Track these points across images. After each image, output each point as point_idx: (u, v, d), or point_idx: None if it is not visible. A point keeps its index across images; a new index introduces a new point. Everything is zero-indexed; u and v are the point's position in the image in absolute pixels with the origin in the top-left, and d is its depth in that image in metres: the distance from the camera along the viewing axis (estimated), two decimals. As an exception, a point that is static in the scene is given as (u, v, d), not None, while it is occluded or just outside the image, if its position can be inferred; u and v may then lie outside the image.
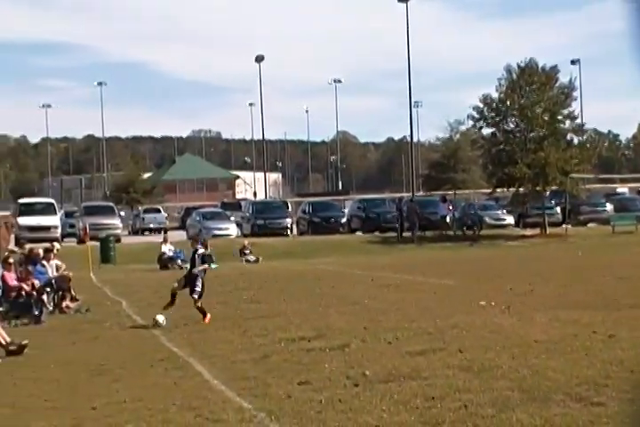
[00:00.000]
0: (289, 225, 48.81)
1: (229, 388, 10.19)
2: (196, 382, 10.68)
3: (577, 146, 43.87)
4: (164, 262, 32.73)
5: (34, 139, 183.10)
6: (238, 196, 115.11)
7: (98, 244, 36.17)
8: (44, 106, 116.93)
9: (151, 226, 61.38)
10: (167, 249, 33.39)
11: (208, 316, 16.23)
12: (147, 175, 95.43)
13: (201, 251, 16.94)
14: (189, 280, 16.51)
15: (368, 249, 40.05)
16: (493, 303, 16.87)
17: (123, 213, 62.60)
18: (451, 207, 45.61)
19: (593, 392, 9.04)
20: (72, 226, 49.17)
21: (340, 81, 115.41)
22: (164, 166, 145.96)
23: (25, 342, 13.76)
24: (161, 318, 15.93)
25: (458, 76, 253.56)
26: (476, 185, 59.24)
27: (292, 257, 36.91)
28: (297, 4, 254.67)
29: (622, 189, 71.53)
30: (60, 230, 45.30)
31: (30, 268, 19.44)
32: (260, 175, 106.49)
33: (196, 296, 16.24)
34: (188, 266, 17.42)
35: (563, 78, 43.96)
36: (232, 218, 50.00)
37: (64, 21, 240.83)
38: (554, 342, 12.03)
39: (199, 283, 16.38)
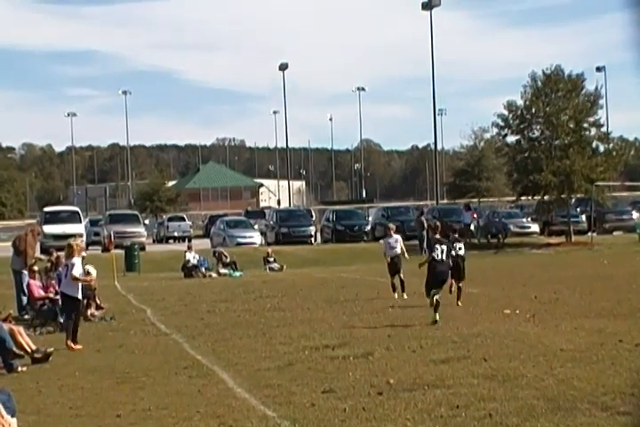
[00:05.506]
0: (313, 233, 48.88)
1: (253, 396, 10.18)
2: (220, 390, 10.69)
3: (603, 154, 43.57)
4: (189, 270, 32.83)
5: (59, 147, 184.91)
6: (262, 204, 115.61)
7: (122, 252, 36.38)
8: (69, 114, 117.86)
9: (175, 234, 61.65)
10: (191, 257, 33.49)
11: None
12: (171, 183, 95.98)
13: None
14: None
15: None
16: (518, 311, 16.78)
17: (147, 222, 63.00)
18: (475, 215, 45.47)
19: (619, 401, 8.96)
20: (97, 234, 49.49)
21: (363, 89, 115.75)
22: (189, 175, 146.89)
23: (50, 349, 13.84)
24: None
25: (482, 83, 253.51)
26: (500, 193, 59.19)
27: (315, 265, 36.90)
28: (321, 13, 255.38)
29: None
30: (84, 239, 45.52)
31: (54, 275, 19.52)
32: (283, 183, 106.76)
33: None
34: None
35: (588, 86, 43.80)
36: (256, 226, 50.12)
37: (89, 30, 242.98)
38: (579, 351, 11.94)
39: None
